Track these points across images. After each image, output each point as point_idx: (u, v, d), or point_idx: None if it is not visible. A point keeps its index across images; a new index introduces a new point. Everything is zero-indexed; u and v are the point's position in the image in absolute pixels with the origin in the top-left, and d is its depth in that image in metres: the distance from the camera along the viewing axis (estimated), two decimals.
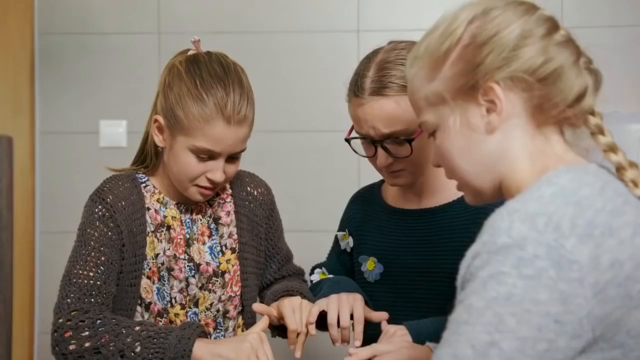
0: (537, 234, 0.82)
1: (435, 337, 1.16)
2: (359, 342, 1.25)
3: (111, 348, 1.22)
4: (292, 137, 2.34)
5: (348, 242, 1.50)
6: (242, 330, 1.47)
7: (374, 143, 1.33)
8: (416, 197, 1.41)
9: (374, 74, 1.30)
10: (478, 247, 0.85)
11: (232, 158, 1.35)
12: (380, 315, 1.31)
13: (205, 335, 1.25)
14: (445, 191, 1.37)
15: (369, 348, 1.23)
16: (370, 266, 1.42)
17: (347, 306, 1.28)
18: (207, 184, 1.34)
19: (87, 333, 1.24)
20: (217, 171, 1.32)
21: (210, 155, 1.31)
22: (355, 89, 1.32)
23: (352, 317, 1.30)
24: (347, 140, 1.39)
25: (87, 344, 1.23)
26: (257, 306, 1.34)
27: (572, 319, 0.80)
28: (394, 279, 1.39)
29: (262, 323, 1.29)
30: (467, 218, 1.32)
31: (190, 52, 1.38)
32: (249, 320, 1.47)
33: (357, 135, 1.37)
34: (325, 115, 2.33)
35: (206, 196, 1.37)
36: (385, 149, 1.32)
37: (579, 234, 0.82)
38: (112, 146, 2.34)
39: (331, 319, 1.28)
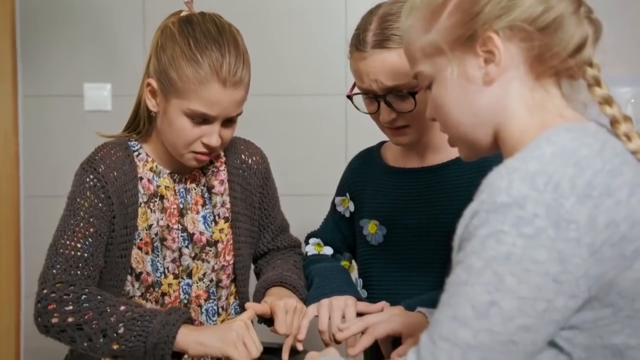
0: (537, 193, 0.81)
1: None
2: (351, 350, 1.22)
3: (94, 326, 1.19)
4: (279, 101, 2.32)
5: (348, 207, 1.48)
6: (235, 298, 1.47)
7: (376, 98, 1.31)
8: (418, 156, 1.39)
9: (376, 27, 1.28)
10: (476, 205, 0.85)
11: (228, 122, 1.32)
12: (379, 306, 1.30)
13: (191, 321, 1.22)
14: (448, 149, 1.33)
15: (360, 320, 1.24)
16: (372, 229, 1.40)
17: (338, 312, 1.27)
18: (202, 150, 1.31)
19: (70, 308, 1.21)
20: (212, 136, 1.29)
21: (206, 119, 1.28)
22: (357, 43, 1.30)
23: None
24: (349, 97, 1.36)
25: (70, 319, 1.21)
26: (250, 305, 1.29)
27: (570, 278, 0.80)
28: (398, 241, 1.37)
29: (249, 313, 1.26)
30: (470, 175, 1.29)
31: (183, 13, 1.34)
32: (242, 288, 1.46)
33: (359, 92, 1.34)
34: (313, 79, 2.31)
35: (201, 162, 1.34)
36: (389, 103, 1.29)
37: (578, 194, 0.82)
38: (97, 110, 2.31)
39: (322, 325, 1.27)
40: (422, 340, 0.85)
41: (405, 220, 1.37)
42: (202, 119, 1.28)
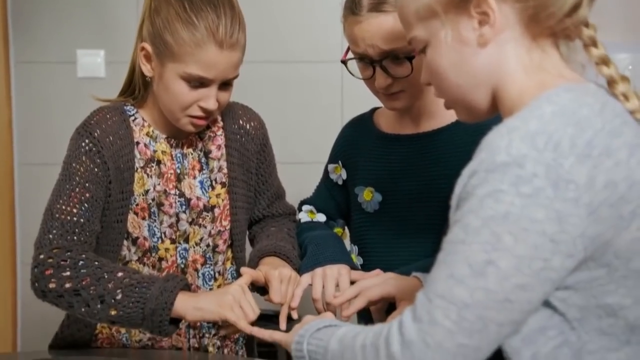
0: (536, 153, 0.81)
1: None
2: (346, 312, 1.23)
3: (91, 292, 1.20)
4: (275, 69, 2.30)
5: (340, 175, 1.47)
6: (231, 264, 1.47)
7: (372, 63, 1.29)
8: (412, 122, 1.38)
9: None
10: (475, 165, 0.85)
11: (225, 85, 1.31)
12: (372, 274, 1.30)
13: (188, 288, 1.23)
14: (443, 114, 1.33)
15: (354, 286, 1.24)
16: (367, 196, 1.39)
17: (332, 281, 1.27)
18: (199, 114, 1.30)
19: (68, 273, 1.21)
20: (209, 99, 1.28)
21: (202, 83, 1.27)
22: (352, 7, 1.28)
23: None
24: (344, 62, 1.35)
25: (67, 285, 1.21)
26: (245, 270, 1.29)
27: (567, 238, 0.80)
28: (394, 207, 1.36)
29: (245, 278, 1.26)
30: (466, 140, 1.27)
31: None
32: (238, 253, 1.46)
33: (353, 57, 1.32)
34: (310, 46, 2.29)
35: (198, 126, 1.34)
36: (384, 69, 1.28)
37: (578, 153, 0.82)
38: (90, 76, 2.29)
39: (316, 293, 1.27)
40: (419, 298, 0.85)
41: (401, 186, 1.36)
42: (199, 83, 1.27)
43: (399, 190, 1.36)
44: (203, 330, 1.43)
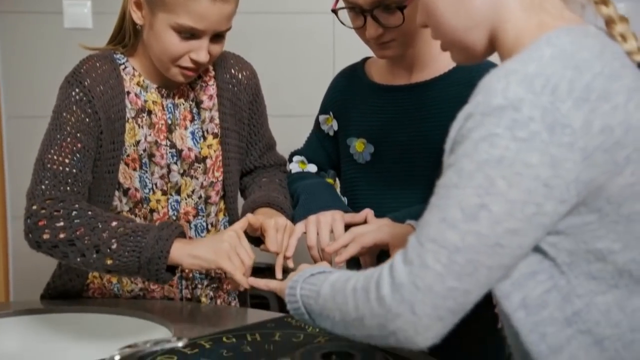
0: (533, 96, 0.80)
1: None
2: (339, 258, 1.23)
3: (86, 242, 1.19)
4: (266, 19, 2.27)
5: (332, 126, 1.46)
6: (224, 215, 1.47)
7: (362, 13, 1.27)
8: (405, 72, 1.37)
9: None
10: (471, 108, 0.84)
11: (217, 37, 1.29)
12: (363, 214, 1.30)
13: (184, 235, 1.23)
14: (436, 64, 1.33)
15: (349, 232, 1.24)
16: (359, 147, 1.38)
17: (326, 227, 1.26)
18: (190, 65, 1.29)
19: (61, 224, 1.21)
20: (201, 51, 1.27)
21: (194, 34, 1.26)
22: None
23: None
24: (334, 11, 1.32)
25: (61, 235, 1.21)
26: (248, 218, 1.28)
27: (560, 183, 0.80)
28: (385, 158, 1.36)
29: (242, 222, 1.26)
30: (459, 90, 1.26)
31: None
32: (231, 205, 1.46)
33: (344, 5, 1.30)
34: None
35: (188, 77, 1.32)
36: (375, 18, 1.26)
37: (576, 97, 0.81)
38: (77, 27, 2.25)
39: (310, 240, 1.27)
40: (410, 242, 0.85)
41: (394, 137, 1.35)
42: (190, 34, 1.26)
43: (391, 141, 1.35)
44: (196, 281, 1.44)
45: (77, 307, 1.37)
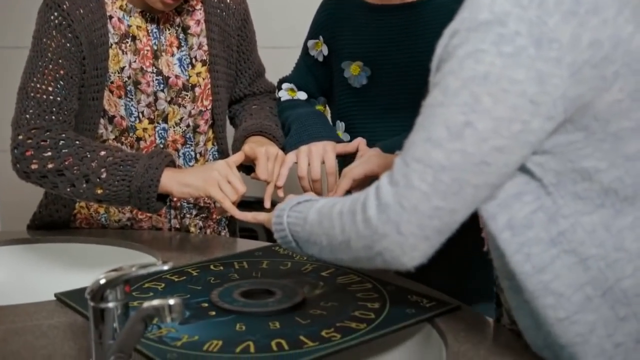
0: (520, 10, 0.78)
1: None
2: (332, 194, 1.22)
3: (75, 171, 1.19)
4: None
5: (321, 50, 1.43)
6: (213, 144, 1.45)
7: None
8: None
9: None
10: (457, 24, 0.82)
11: None
12: (355, 143, 1.29)
13: (173, 164, 1.22)
14: None
15: (342, 173, 1.22)
16: (354, 71, 1.36)
17: (317, 158, 1.25)
18: None
19: (49, 154, 1.20)
20: None
21: None
22: None
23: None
24: None
25: (50, 165, 1.19)
26: (244, 150, 1.27)
27: (547, 99, 0.79)
28: (382, 81, 1.34)
29: (237, 156, 1.25)
30: (455, 7, 1.26)
31: None
32: (220, 133, 1.44)
33: None
34: None
35: (169, 5, 1.28)
36: None
37: (564, 10, 0.79)
38: None
39: (301, 171, 1.25)
40: (396, 163, 0.84)
41: (390, 59, 1.32)
42: None
43: (387, 63, 1.33)
44: (184, 211, 1.44)
45: (64, 237, 1.36)
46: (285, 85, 1.50)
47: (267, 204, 1.24)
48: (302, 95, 1.48)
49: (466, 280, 1.32)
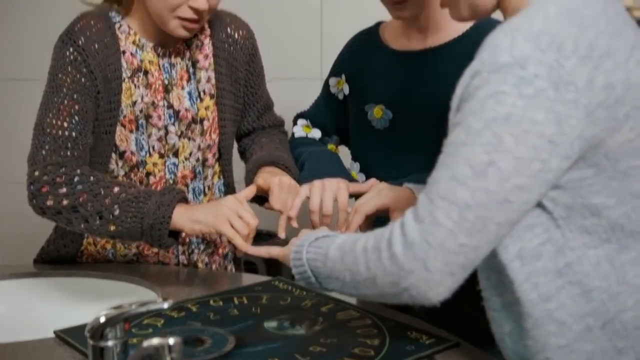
0: (539, 53, 0.81)
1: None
2: (345, 229, 1.22)
3: (89, 208, 1.20)
4: None
5: (342, 89, 1.45)
6: (219, 178, 1.46)
7: None
8: (420, 36, 1.36)
9: None
10: (477, 65, 0.84)
11: None
12: (369, 184, 1.30)
13: (185, 201, 1.23)
14: (450, 27, 1.32)
15: (353, 209, 1.22)
16: (377, 114, 1.38)
17: (330, 193, 1.26)
18: (190, 15, 1.26)
19: (64, 190, 1.21)
20: None
21: None
22: None
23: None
24: None
25: (65, 202, 1.21)
26: (257, 182, 1.28)
27: (565, 140, 0.82)
28: (404, 124, 1.36)
29: (248, 191, 1.26)
30: (473, 53, 1.28)
31: None
32: (226, 166, 1.45)
33: None
34: None
35: (190, 30, 1.29)
36: None
37: (580, 55, 0.82)
38: None
39: (313, 205, 1.26)
40: (420, 200, 0.86)
41: (411, 102, 1.35)
42: None
43: (409, 106, 1.35)
44: (192, 246, 1.44)
45: (72, 272, 1.36)
46: (300, 121, 1.52)
47: (282, 235, 1.25)
48: (316, 133, 1.50)
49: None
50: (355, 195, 1.32)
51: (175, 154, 1.38)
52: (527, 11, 0.86)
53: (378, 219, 1.24)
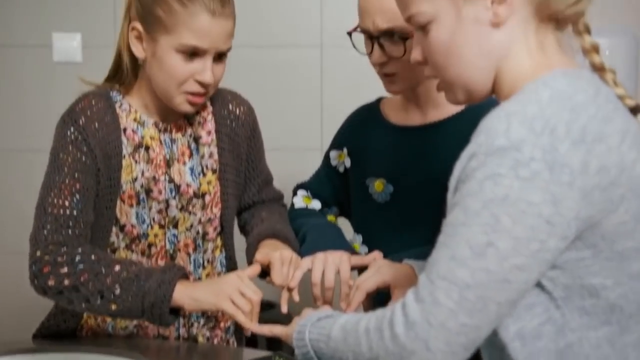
0: (534, 137, 0.83)
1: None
2: (344, 305, 1.24)
3: (90, 287, 1.20)
4: (254, 53, 2.29)
5: (343, 162, 1.48)
6: (220, 251, 1.46)
7: (371, 39, 1.31)
8: (419, 112, 1.39)
9: None
10: (474, 148, 0.87)
11: (219, 58, 1.31)
12: (371, 257, 1.31)
13: (186, 277, 1.24)
14: (449, 104, 1.36)
15: (355, 286, 1.23)
16: (378, 187, 1.40)
17: (333, 266, 1.27)
18: (196, 89, 1.29)
19: (65, 270, 1.22)
20: (205, 71, 1.28)
21: (197, 53, 1.27)
22: None
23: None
24: (349, 34, 1.36)
25: (66, 282, 1.21)
26: (257, 259, 1.29)
27: (562, 220, 0.83)
28: (405, 198, 1.38)
29: (252, 270, 1.26)
30: (474, 128, 1.30)
31: None
32: (228, 241, 1.46)
33: (358, 30, 1.34)
34: (288, 30, 2.28)
35: (195, 105, 1.32)
36: (381, 46, 1.30)
37: (573, 139, 0.84)
38: (67, 61, 2.25)
39: (315, 278, 1.26)
40: (421, 280, 0.87)
41: (411, 177, 1.37)
42: (193, 53, 1.27)
43: (409, 180, 1.37)
44: (192, 320, 1.43)
45: (68, 347, 1.34)
46: (300, 192, 1.53)
47: (284, 309, 1.25)
48: (316, 204, 1.51)
49: None
50: (358, 268, 1.33)
51: (175, 226, 1.38)
52: (520, 96, 0.89)
53: (379, 295, 1.25)
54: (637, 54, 2.16)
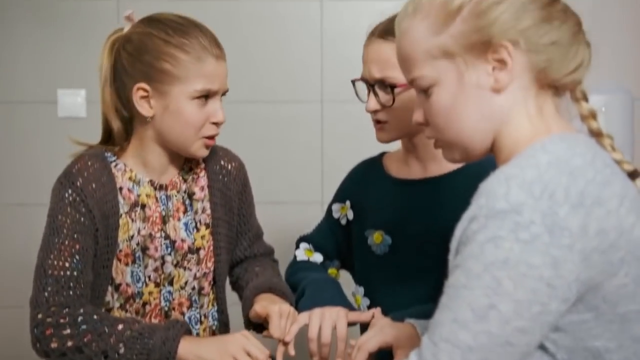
0: (533, 201, 0.84)
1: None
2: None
3: (94, 348, 1.20)
4: (255, 108, 2.32)
5: (346, 214, 1.49)
6: (212, 305, 1.46)
7: (368, 86, 1.36)
8: (420, 165, 1.41)
9: (390, 20, 1.30)
10: (475, 210, 0.87)
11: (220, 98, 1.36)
12: (370, 313, 1.31)
13: (189, 333, 1.24)
14: None
15: (355, 346, 1.23)
16: (377, 239, 1.41)
17: (329, 322, 1.27)
18: (213, 131, 1.34)
19: (68, 331, 1.22)
20: (219, 112, 1.33)
21: (209, 96, 1.32)
22: (372, 30, 1.36)
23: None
24: (353, 82, 1.41)
25: (69, 343, 1.21)
26: (256, 309, 1.31)
27: (562, 283, 0.84)
28: (403, 251, 1.38)
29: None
30: (473, 183, 1.31)
31: (125, 29, 1.35)
32: (220, 294, 1.46)
33: (359, 79, 1.39)
34: (289, 85, 2.31)
35: (209, 148, 1.37)
36: (375, 93, 1.35)
37: (572, 202, 0.85)
38: (71, 116, 2.28)
39: (311, 333, 1.27)
40: (424, 342, 0.88)
41: (410, 230, 1.38)
42: (206, 97, 1.31)
43: (408, 234, 1.38)
44: None
45: None
46: (302, 245, 1.54)
47: None
48: (318, 257, 1.52)
49: None
50: (355, 324, 1.32)
51: (170, 283, 1.39)
52: (519, 160, 0.91)
53: (380, 353, 1.23)
54: (633, 111, 2.19)
